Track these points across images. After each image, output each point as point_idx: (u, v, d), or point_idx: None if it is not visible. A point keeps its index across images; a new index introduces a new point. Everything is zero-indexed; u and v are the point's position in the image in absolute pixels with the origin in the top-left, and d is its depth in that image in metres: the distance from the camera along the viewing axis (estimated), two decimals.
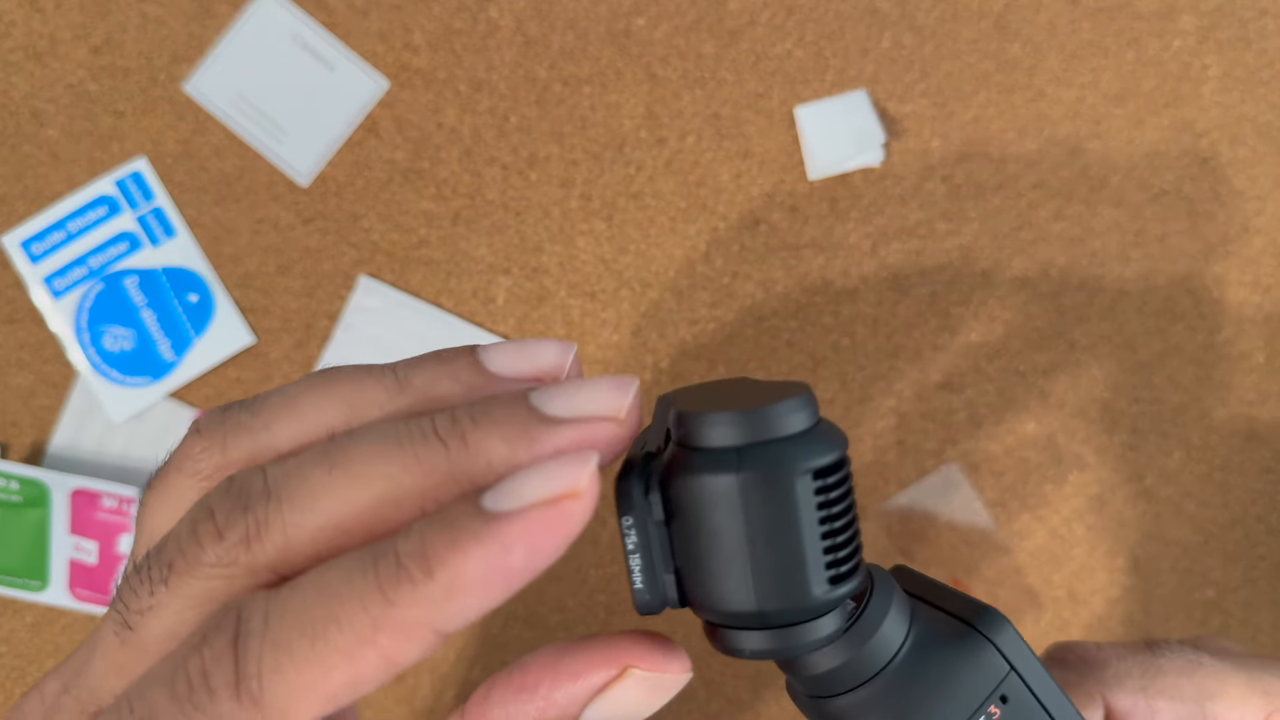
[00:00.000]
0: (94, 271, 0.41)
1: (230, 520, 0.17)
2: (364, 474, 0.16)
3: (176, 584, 0.17)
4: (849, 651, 0.18)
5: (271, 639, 0.15)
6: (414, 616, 0.15)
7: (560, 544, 0.15)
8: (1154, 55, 0.41)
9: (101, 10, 0.41)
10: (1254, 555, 0.41)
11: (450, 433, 0.16)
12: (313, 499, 0.16)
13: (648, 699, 0.18)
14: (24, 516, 0.40)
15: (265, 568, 0.17)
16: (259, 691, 0.15)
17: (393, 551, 0.15)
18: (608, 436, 0.17)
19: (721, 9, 0.41)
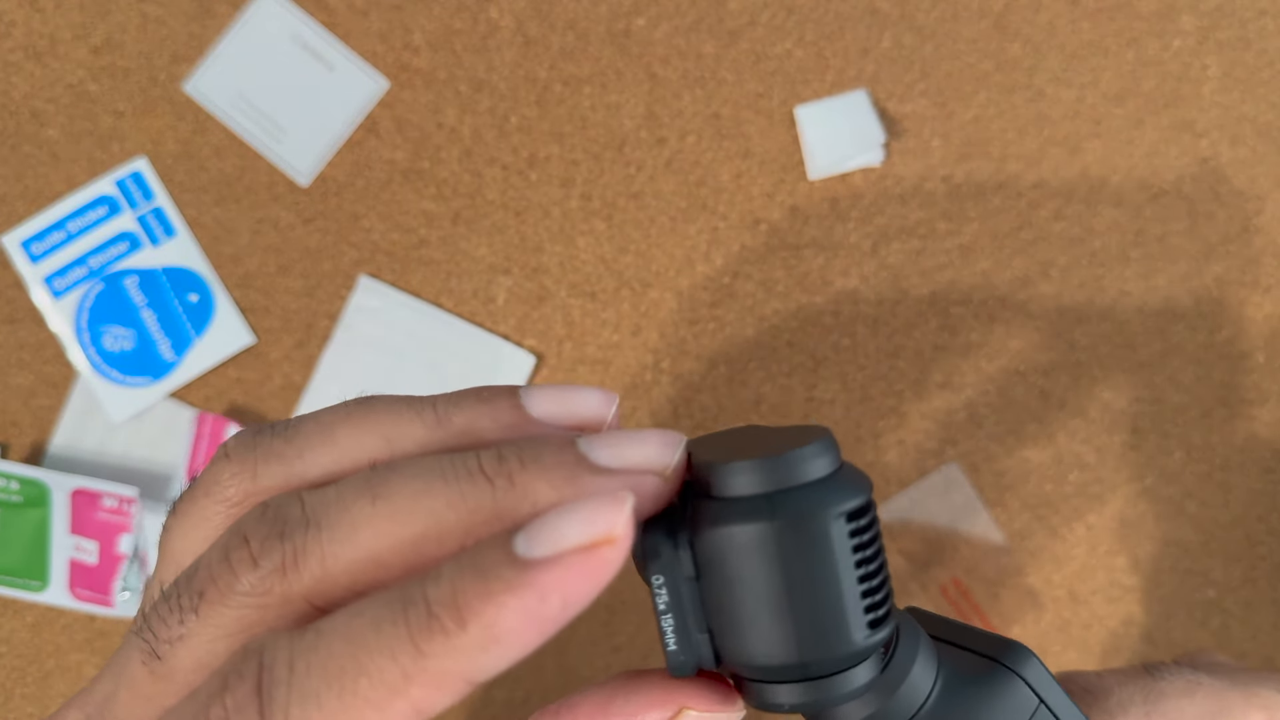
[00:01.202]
0: (94, 271, 0.41)
1: (266, 547, 0.16)
2: (408, 508, 0.16)
3: (208, 612, 0.17)
4: (883, 698, 0.18)
5: (299, 689, 0.15)
6: (446, 667, 0.15)
7: (595, 591, 0.14)
8: (1154, 55, 0.41)
9: (101, 10, 0.41)
10: (1254, 555, 0.41)
11: (497, 472, 0.16)
12: (353, 530, 0.16)
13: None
14: (24, 516, 0.40)
15: (300, 597, 0.16)
16: None
17: (423, 599, 0.15)
18: (653, 491, 0.17)
19: (721, 9, 0.41)
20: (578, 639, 0.41)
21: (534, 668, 0.41)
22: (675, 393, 0.41)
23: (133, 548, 0.40)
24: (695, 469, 0.17)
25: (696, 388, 0.41)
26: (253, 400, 0.41)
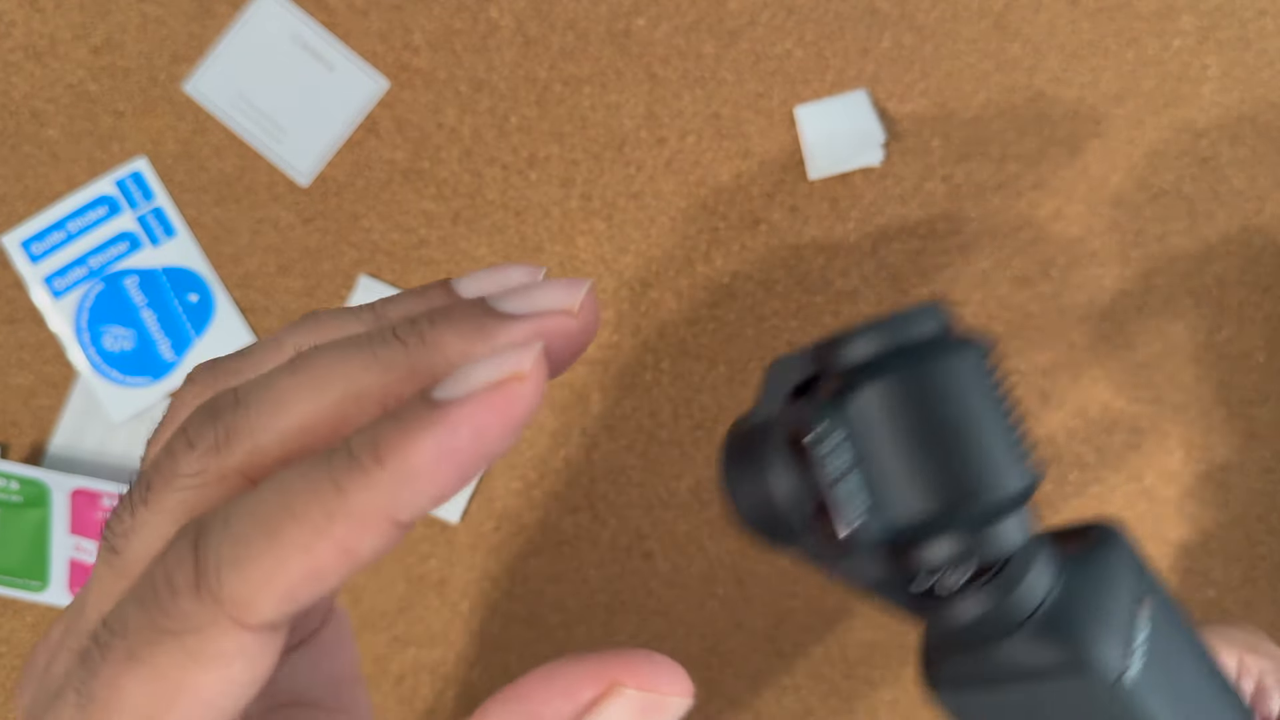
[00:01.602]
0: (94, 271, 0.41)
1: (201, 430, 0.17)
2: (326, 374, 0.17)
3: (154, 500, 0.18)
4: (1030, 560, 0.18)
5: (230, 535, 0.16)
6: (367, 503, 0.15)
7: (507, 427, 0.15)
8: (1154, 55, 0.41)
9: (101, 10, 0.41)
10: (1254, 555, 0.41)
11: (408, 333, 0.17)
12: (278, 402, 0.17)
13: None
14: (24, 517, 0.40)
15: (235, 472, 0.17)
16: (218, 586, 0.16)
17: (345, 446, 0.16)
18: (563, 329, 0.17)
19: (722, 9, 0.41)
20: (577, 639, 0.41)
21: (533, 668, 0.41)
22: (675, 393, 0.41)
23: None
24: (819, 353, 0.18)
25: (696, 388, 0.41)
26: None
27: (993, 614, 0.19)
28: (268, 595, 0.16)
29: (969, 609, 0.19)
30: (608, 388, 0.41)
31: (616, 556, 0.41)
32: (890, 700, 0.41)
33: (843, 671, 0.41)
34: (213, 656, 0.16)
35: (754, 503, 0.18)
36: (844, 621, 0.41)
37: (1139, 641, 0.19)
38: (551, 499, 0.41)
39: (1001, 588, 0.18)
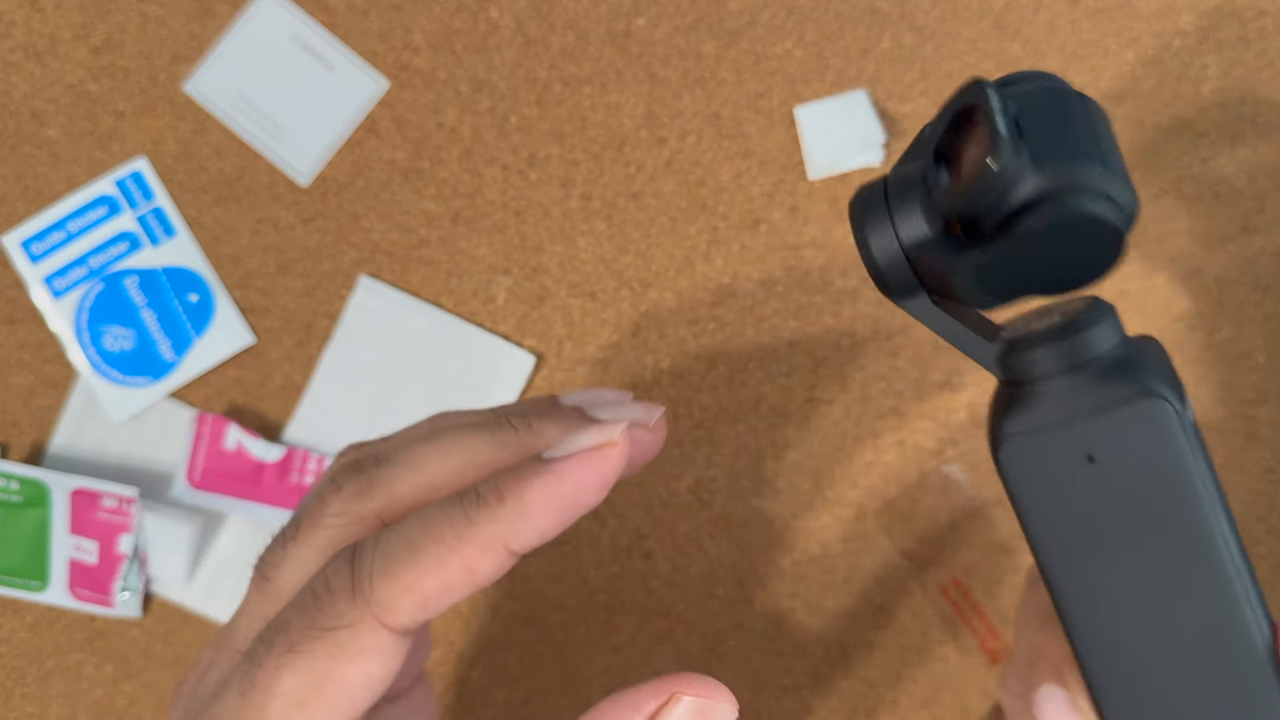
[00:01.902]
0: (94, 271, 0.41)
1: (347, 479, 0.22)
2: (453, 444, 0.22)
3: (302, 537, 0.22)
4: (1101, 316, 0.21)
5: (381, 553, 0.20)
6: (490, 532, 0.20)
7: (600, 481, 0.20)
8: (1154, 55, 0.41)
9: (101, 10, 0.41)
10: (1254, 555, 0.41)
11: (520, 421, 0.22)
12: (412, 462, 0.22)
13: None
14: (24, 516, 0.40)
15: (374, 515, 0.22)
16: (369, 591, 0.20)
17: (474, 490, 0.20)
18: (639, 437, 0.22)
19: (721, 9, 0.41)
20: (577, 639, 0.41)
21: (533, 668, 0.41)
22: (675, 393, 0.41)
23: (132, 548, 0.40)
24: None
25: (696, 388, 0.41)
26: (253, 400, 0.41)
27: (1070, 351, 0.20)
28: (407, 602, 0.20)
29: (1045, 351, 0.20)
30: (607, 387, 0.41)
31: (616, 556, 0.41)
32: (891, 700, 0.41)
33: (842, 671, 0.41)
34: (357, 651, 0.20)
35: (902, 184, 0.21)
36: (844, 621, 0.41)
37: (1190, 407, 0.20)
38: None
39: (1078, 327, 0.20)
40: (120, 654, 0.42)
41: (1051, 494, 0.20)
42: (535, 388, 0.41)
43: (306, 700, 0.20)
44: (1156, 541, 0.20)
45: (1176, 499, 0.20)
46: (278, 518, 0.41)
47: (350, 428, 0.41)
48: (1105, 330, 0.21)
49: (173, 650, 0.41)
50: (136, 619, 0.41)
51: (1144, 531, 0.20)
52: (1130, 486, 0.20)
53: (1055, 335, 0.21)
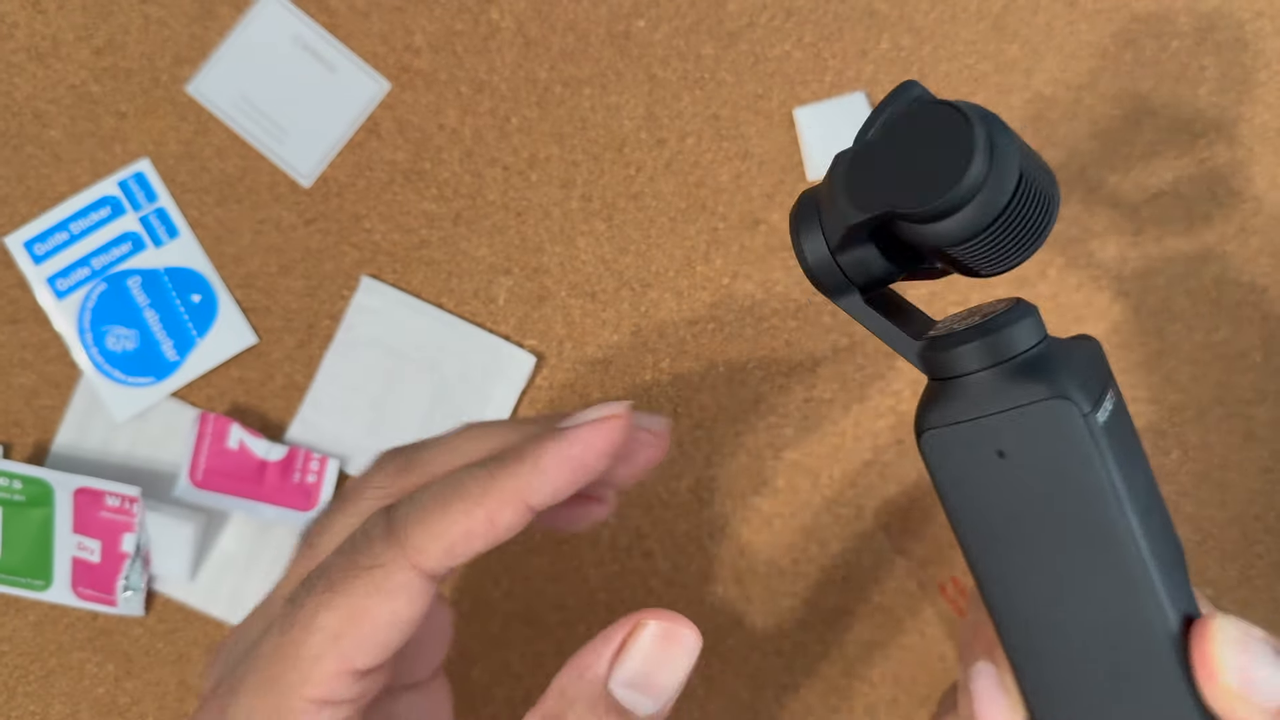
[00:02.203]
0: (97, 272, 0.41)
1: (389, 459, 0.26)
2: (483, 433, 0.26)
3: (346, 506, 0.25)
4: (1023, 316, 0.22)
5: (415, 504, 0.24)
6: (509, 488, 0.23)
7: (607, 445, 0.24)
8: (1151, 56, 0.41)
9: (104, 12, 0.41)
10: (1251, 554, 0.42)
11: (541, 420, 0.26)
12: (448, 447, 0.26)
13: (664, 652, 0.23)
14: (27, 516, 0.40)
15: (412, 489, 0.25)
16: (404, 535, 0.23)
17: (498, 455, 0.24)
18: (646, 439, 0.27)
19: (721, 11, 0.41)
20: (577, 639, 0.41)
21: (533, 667, 0.42)
22: (675, 393, 0.42)
23: (135, 546, 0.40)
24: None
25: (696, 387, 0.41)
26: (255, 400, 0.42)
27: (985, 350, 0.21)
28: (436, 546, 0.23)
29: (962, 348, 0.21)
30: (608, 388, 0.42)
31: (616, 556, 0.41)
32: (890, 699, 0.41)
33: (842, 670, 0.41)
34: (390, 589, 0.23)
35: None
36: (843, 621, 0.41)
37: (1105, 408, 0.21)
38: None
39: (996, 326, 0.21)
40: (123, 652, 0.42)
41: (968, 485, 0.22)
42: (536, 387, 0.42)
43: (342, 634, 0.23)
44: (1062, 534, 0.21)
45: (1079, 496, 0.21)
46: (280, 517, 0.41)
47: (352, 427, 0.41)
48: (1024, 330, 0.21)
49: (175, 649, 0.42)
50: (139, 618, 0.42)
51: (1051, 524, 0.21)
52: (1036, 482, 0.21)
53: (973, 334, 0.21)
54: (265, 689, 0.23)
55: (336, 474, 0.41)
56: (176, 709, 0.42)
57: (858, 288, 0.23)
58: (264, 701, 0.23)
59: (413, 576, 0.23)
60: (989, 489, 0.21)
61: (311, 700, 0.23)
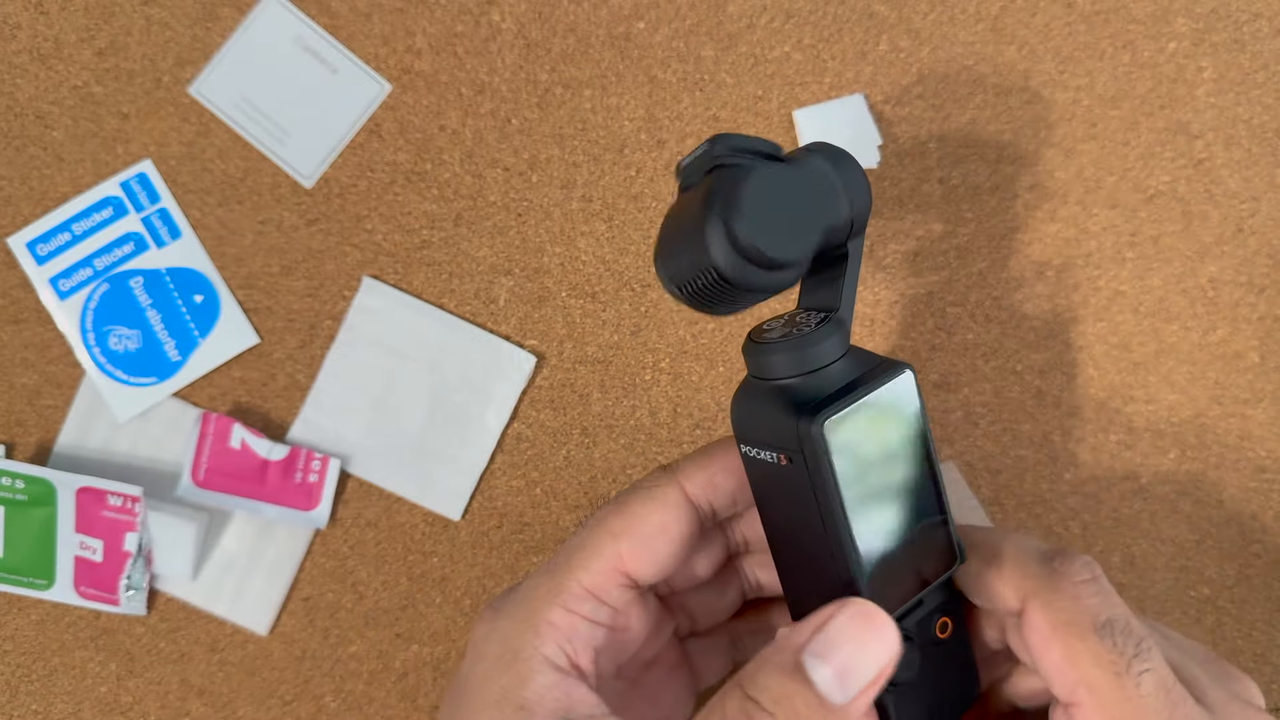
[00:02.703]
0: (100, 272, 0.41)
1: None
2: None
3: None
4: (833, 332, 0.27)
5: (687, 458, 0.30)
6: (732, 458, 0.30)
7: None
8: (1149, 58, 0.42)
9: (106, 13, 0.42)
10: (1248, 553, 0.42)
11: None
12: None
13: (858, 633, 0.24)
14: (30, 515, 0.40)
15: None
16: (677, 467, 0.30)
17: None
18: None
19: (720, 13, 0.41)
20: None
21: None
22: (675, 393, 0.42)
23: (137, 546, 0.40)
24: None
25: (696, 387, 0.42)
26: (257, 400, 0.42)
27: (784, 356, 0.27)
28: (701, 475, 0.29)
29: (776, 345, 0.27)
30: (608, 388, 0.42)
31: None
32: None
33: None
34: (661, 501, 0.29)
35: None
36: None
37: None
38: (552, 497, 0.42)
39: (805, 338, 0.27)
40: (125, 651, 0.42)
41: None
42: (536, 387, 0.42)
43: (621, 534, 0.28)
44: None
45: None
46: (281, 516, 0.41)
47: (353, 427, 0.42)
48: (829, 347, 0.27)
49: (177, 648, 0.42)
50: (141, 616, 0.42)
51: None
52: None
53: (782, 348, 0.27)
54: (549, 572, 0.28)
55: (338, 473, 0.41)
56: (178, 708, 0.42)
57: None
58: (545, 580, 0.28)
59: (681, 496, 0.29)
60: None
61: (583, 586, 0.28)
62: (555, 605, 0.28)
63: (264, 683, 0.42)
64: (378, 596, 0.42)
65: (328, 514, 0.41)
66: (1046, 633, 0.26)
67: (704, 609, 0.34)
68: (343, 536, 0.42)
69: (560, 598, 0.28)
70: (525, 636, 0.27)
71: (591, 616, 0.28)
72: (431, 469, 0.41)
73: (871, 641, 0.24)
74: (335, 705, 0.42)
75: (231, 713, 0.42)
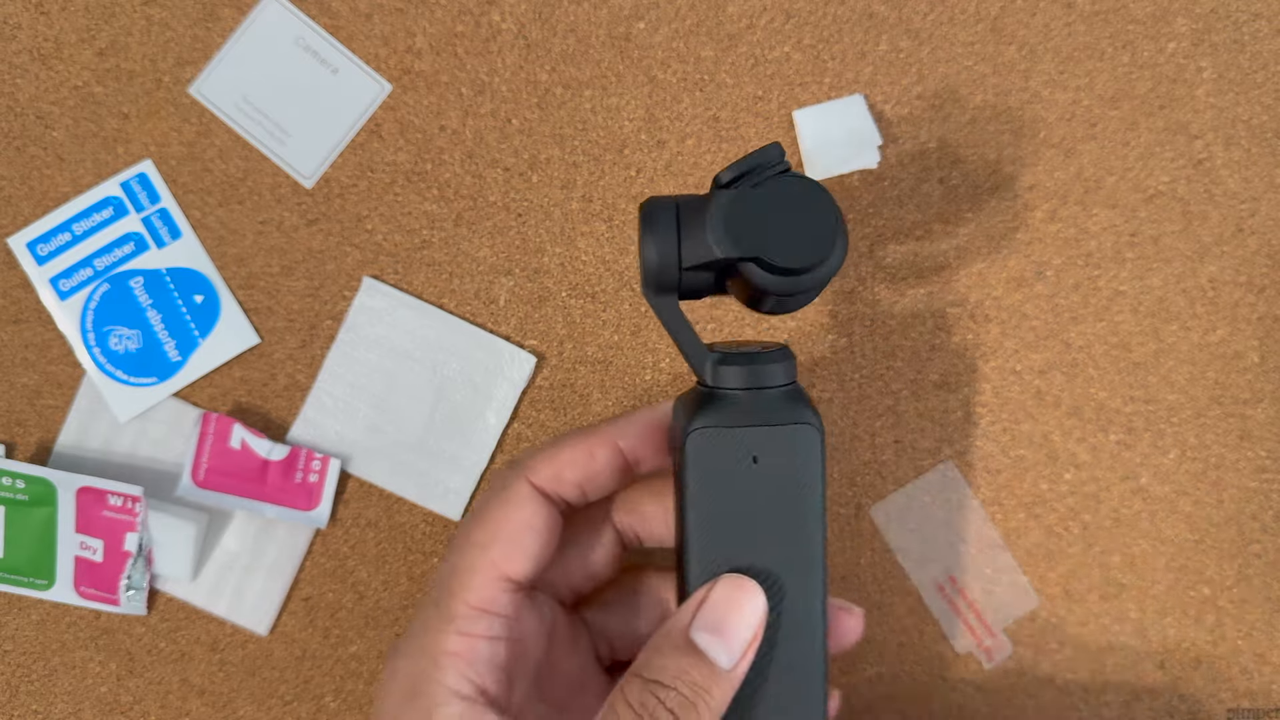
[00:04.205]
0: (100, 273, 0.41)
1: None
2: None
3: None
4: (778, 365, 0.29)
5: (535, 446, 0.33)
6: (605, 431, 0.31)
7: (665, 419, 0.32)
8: (1148, 58, 0.42)
9: (106, 14, 0.42)
10: (1248, 553, 0.42)
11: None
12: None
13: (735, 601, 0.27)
14: (31, 515, 0.40)
15: None
16: (523, 462, 0.31)
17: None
18: None
19: (720, 13, 0.41)
20: None
21: None
22: (675, 392, 0.42)
23: (138, 546, 0.40)
24: None
25: None
26: (257, 400, 0.42)
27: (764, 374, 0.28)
28: (547, 467, 0.30)
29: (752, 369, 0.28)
30: (608, 388, 0.42)
31: None
32: (887, 696, 0.42)
33: (840, 667, 0.42)
34: (516, 501, 0.30)
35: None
36: None
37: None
38: None
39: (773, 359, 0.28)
40: (125, 651, 0.42)
41: (717, 477, 0.27)
42: (536, 387, 0.42)
43: (488, 543, 0.29)
44: (775, 516, 0.28)
45: (801, 490, 0.28)
46: (282, 516, 0.41)
47: (354, 427, 0.42)
48: (790, 368, 0.28)
49: (177, 647, 0.42)
50: (141, 616, 0.42)
51: (769, 509, 0.28)
52: (773, 480, 0.27)
53: (758, 359, 0.28)
54: (434, 604, 0.29)
55: (338, 473, 0.41)
56: (179, 707, 0.42)
57: (676, 294, 0.28)
58: (433, 612, 0.29)
59: (531, 490, 0.30)
60: (733, 481, 0.27)
61: (470, 605, 0.28)
62: (449, 633, 0.28)
63: (264, 682, 0.42)
64: (378, 596, 0.42)
65: (328, 514, 0.41)
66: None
67: (621, 633, 0.34)
68: (343, 536, 0.42)
69: (452, 624, 0.28)
70: (425, 670, 0.28)
71: (487, 633, 0.28)
72: (432, 469, 0.42)
73: (745, 606, 0.27)
74: (335, 705, 0.42)
75: (232, 712, 0.42)
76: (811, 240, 0.26)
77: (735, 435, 0.27)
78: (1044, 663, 0.42)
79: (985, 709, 0.41)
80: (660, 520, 0.34)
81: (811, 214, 0.27)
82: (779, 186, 0.27)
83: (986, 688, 0.42)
